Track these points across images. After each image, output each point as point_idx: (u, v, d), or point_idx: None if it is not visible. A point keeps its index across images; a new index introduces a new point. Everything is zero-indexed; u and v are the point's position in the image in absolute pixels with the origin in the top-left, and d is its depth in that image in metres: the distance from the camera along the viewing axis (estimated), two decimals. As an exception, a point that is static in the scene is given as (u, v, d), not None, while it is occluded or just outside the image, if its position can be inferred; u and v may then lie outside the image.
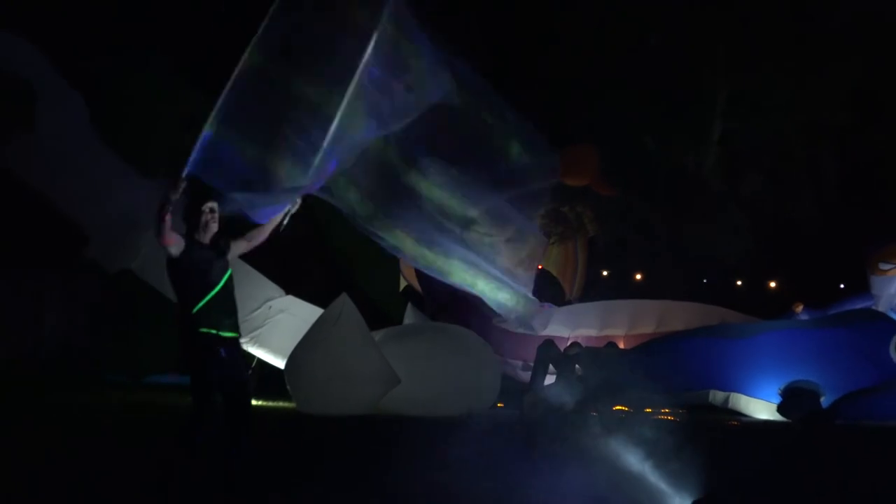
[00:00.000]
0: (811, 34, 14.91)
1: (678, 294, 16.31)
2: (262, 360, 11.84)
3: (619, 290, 19.87)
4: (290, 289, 12.06)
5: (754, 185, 15.93)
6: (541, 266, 18.97)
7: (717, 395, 11.59)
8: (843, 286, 20.96)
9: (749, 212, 16.24)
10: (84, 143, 11.35)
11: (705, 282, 21.69)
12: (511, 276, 8.43)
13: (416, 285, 16.57)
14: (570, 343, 13.26)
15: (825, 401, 11.03)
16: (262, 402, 11.01)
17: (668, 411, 11.72)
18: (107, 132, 11.67)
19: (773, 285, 25.50)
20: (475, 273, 8.19)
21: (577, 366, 12.23)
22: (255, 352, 11.63)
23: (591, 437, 7.27)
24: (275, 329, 11.56)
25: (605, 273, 22.71)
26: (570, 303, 17.96)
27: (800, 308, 13.36)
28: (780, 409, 11.15)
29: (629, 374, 11.60)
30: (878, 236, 13.73)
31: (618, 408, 11.87)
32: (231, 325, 5.30)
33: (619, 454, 6.20)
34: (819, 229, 16.33)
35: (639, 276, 22.85)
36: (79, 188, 11.18)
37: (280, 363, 11.14)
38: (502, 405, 11.49)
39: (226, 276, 5.31)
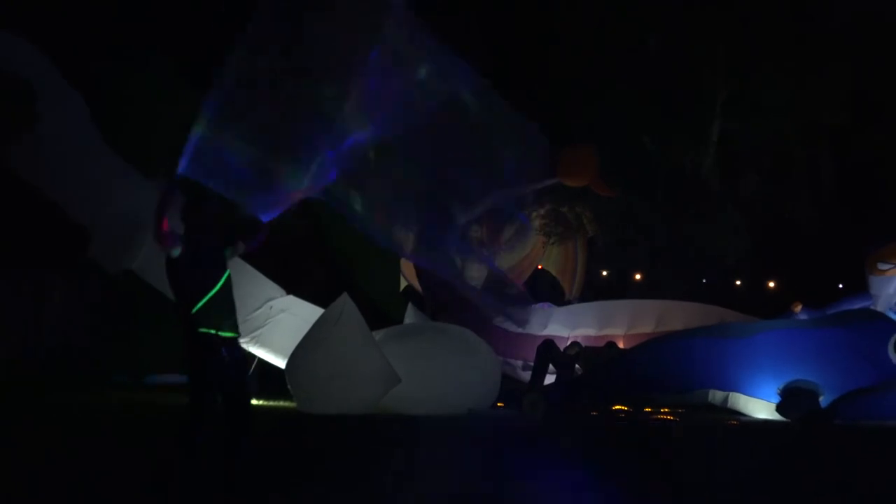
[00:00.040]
0: (811, 34, 14.91)
1: (677, 294, 16.34)
2: (263, 359, 11.86)
3: (619, 290, 19.91)
4: (291, 288, 12.08)
5: (754, 186, 15.93)
6: (541, 266, 19.06)
7: (716, 395, 11.59)
8: (841, 286, 21.00)
9: (748, 212, 16.24)
10: (85, 143, 11.35)
11: (704, 282, 21.69)
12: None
13: (417, 285, 16.59)
14: (570, 343, 13.30)
15: (824, 400, 11.04)
16: (262, 402, 11.02)
17: (668, 411, 11.76)
18: (107, 132, 11.68)
19: (772, 285, 25.53)
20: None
21: (577, 366, 12.27)
22: (257, 351, 11.65)
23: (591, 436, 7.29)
24: (276, 329, 11.59)
25: (605, 273, 22.73)
26: (569, 303, 17.99)
27: (798, 308, 13.36)
28: (779, 409, 11.16)
29: (629, 373, 11.65)
30: (877, 236, 13.74)
31: (618, 407, 11.91)
32: (230, 324, 5.31)
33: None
34: (818, 229, 16.34)
35: (638, 276, 22.86)
36: (79, 188, 11.18)
37: (281, 363, 11.16)
38: (502, 405, 11.50)
39: (224, 276, 5.32)
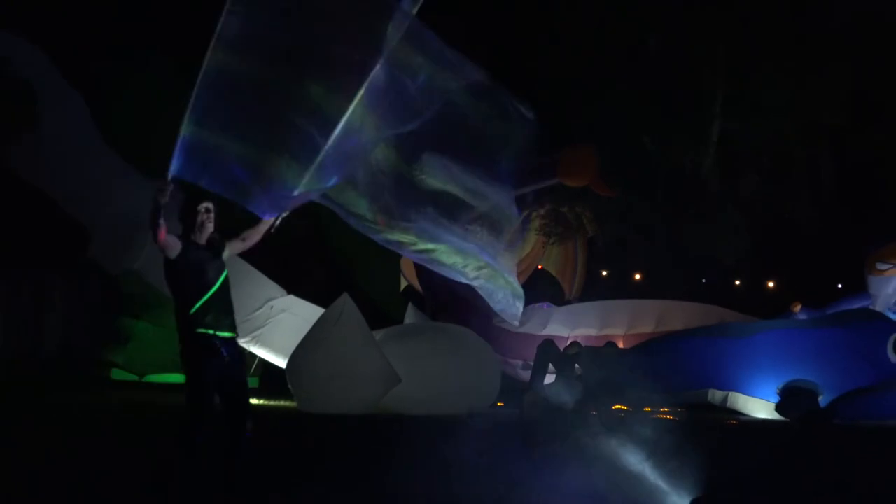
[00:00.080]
0: (811, 34, 14.90)
1: (677, 294, 16.35)
2: (264, 359, 11.87)
3: (619, 290, 19.90)
4: (292, 288, 12.10)
5: (753, 186, 15.91)
6: (541, 266, 19.07)
7: (715, 395, 11.61)
8: (840, 286, 21.01)
9: (748, 212, 16.23)
10: (85, 143, 11.37)
11: (704, 282, 21.72)
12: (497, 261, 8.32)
13: (417, 285, 16.59)
14: (569, 343, 13.29)
15: (823, 400, 11.06)
16: (262, 402, 11.03)
17: (668, 410, 11.76)
18: (107, 132, 11.69)
19: (772, 285, 25.55)
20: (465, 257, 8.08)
21: (577, 366, 12.27)
22: (257, 351, 11.67)
23: (591, 436, 7.29)
24: (276, 328, 11.61)
25: (605, 273, 22.73)
26: (569, 303, 18.01)
27: (798, 308, 13.39)
28: (779, 409, 11.17)
29: (629, 373, 11.64)
30: (876, 237, 13.77)
31: (617, 407, 11.90)
32: (229, 324, 5.30)
33: (618, 453, 6.21)
34: (817, 230, 16.33)
35: (638, 276, 22.87)
36: (80, 188, 11.20)
37: (281, 362, 11.17)
38: (502, 405, 11.51)
39: (222, 276, 5.32)
